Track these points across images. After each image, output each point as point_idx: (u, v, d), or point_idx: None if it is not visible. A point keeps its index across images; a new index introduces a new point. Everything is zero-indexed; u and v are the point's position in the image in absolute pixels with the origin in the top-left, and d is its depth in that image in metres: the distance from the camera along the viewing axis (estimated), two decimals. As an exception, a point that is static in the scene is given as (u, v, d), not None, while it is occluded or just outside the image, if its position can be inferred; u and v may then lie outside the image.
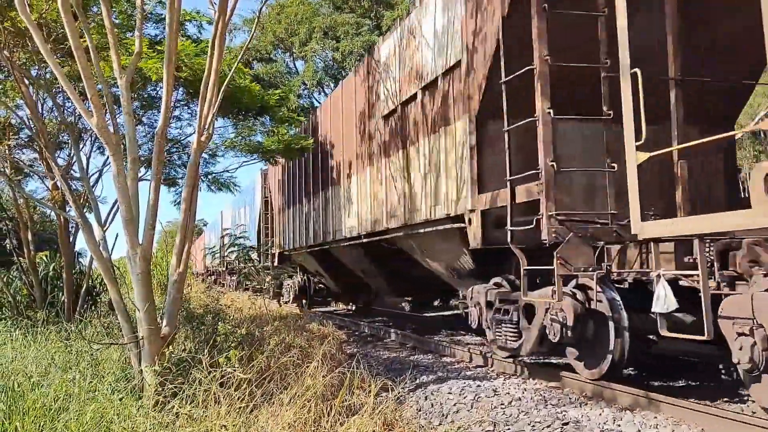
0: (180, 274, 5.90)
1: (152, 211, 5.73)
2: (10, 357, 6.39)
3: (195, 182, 6.19)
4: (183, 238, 5.97)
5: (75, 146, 8.40)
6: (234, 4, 5.86)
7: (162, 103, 5.77)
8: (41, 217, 21.93)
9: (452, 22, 8.10)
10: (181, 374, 5.30)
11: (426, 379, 7.14)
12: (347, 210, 12.32)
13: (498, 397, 6.18)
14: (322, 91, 35.35)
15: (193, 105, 10.20)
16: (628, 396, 5.75)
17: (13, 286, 11.32)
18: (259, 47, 35.12)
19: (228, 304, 12.64)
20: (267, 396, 5.07)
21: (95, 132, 5.65)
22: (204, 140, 5.91)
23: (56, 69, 5.54)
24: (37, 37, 5.44)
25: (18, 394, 4.91)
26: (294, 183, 17.16)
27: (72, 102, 8.49)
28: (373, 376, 6.03)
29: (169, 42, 5.57)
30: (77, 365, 5.99)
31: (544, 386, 6.65)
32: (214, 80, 5.80)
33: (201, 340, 6.79)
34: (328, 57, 33.98)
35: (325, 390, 5.44)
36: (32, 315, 9.36)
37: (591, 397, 6.07)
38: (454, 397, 6.22)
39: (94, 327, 8.04)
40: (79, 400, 4.78)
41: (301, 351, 6.92)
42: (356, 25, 32.84)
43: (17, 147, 10.63)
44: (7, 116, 9.82)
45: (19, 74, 8.17)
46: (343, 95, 12.51)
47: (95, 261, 6.31)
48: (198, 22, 10.14)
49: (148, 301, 5.56)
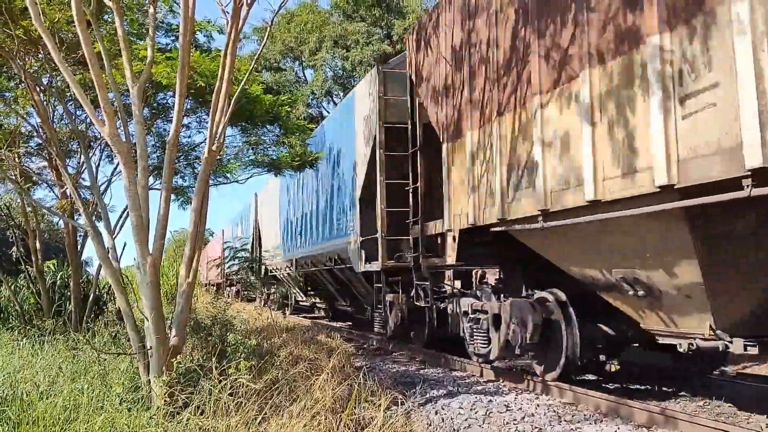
0: (189, 284, 5.86)
1: (162, 221, 5.70)
2: (18, 366, 6.36)
3: (205, 193, 6.15)
4: (192, 249, 5.93)
5: (85, 154, 8.38)
6: (247, 13, 5.84)
7: (174, 114, 5.75)
8: (48, 225, 21.98)
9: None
10: (190, 384, 5.25)
11: (436, 393, 7.05)
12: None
13: (510, 412, 6.08)
14: (331, 100, 35.37)
15: (201, 113, 10.18)
16: (644, 413, 5.64)
17: (20, 295, 11.30)
18: (269, 56, 35.15)
19: (234, 315, 12.59)
20: (276, 408, 5.01)
21: (107, 140, 5.63)
22: (215, 150, 5.88)
23: (69, 77, 5.53)
24: (50, 45, 5.44)
25: (26, 404, 4.87)
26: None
27: (82, 110, 8.53)
28: (383, 389, 5.95)
29: (183, 51, 5.55)
30: (85, 375, 5.95)
31: (558, 402, 6.55)
32: (226, 89, 5.78)
33: (209, 350, 6.74)
34: (337, 66, 33.97)
35: (334, 403, 5.38)
36: (39, 324, 9.32)
37: (606, 414, 5.96)
38: (465, 412, 6.13)
39: (102, 336, 8.00)
40: (87, 411, 4.74)
41: (310, 363, 6.86)
42: (367, 34, 32.77)
43: (26, 155, 10.63)
44: (17, 124, 9.83)
45: (32, 82, 8.18)
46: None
47: (104, 269, 6.27)
48: (207, 32, 10.19)
49: (156, 311, 5.51)
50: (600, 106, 5.40)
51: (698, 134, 4.41)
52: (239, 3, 5.65)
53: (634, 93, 5.02)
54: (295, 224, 18.34)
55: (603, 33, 5.33)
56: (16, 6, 7.24)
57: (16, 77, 8.99)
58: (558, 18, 5.98)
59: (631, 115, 5.05)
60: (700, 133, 4.40)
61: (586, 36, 5.54)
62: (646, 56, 4.85)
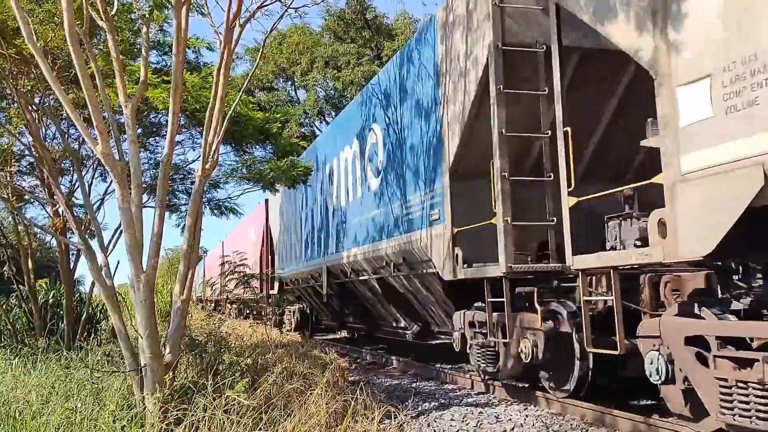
0: (183, 302, 5.90)
1: (156, 239, 5.74)
2: (11, 385, 6.36)
3: (198, 210, 6.21)
4: (187, 266, 5.98)
5: (78, 173, 8.42)
6: (239, 35, 5.93)
7: (167, 132, 5.81)
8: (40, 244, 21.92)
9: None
10: (184, 402, 5.27)
11: (428, 406, 7.09)
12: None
13: (500, 423, 6.14)
14: (323, 119, 35.63)
15: (194, 131, 10.24)
16: (628, 422, 5.74)
17: (12, 314, 11.28)
18: (261, 76, 35.48)
19: (229, 332, 12.58)
20: (271, 423, 5.04)
21: (100, 159, 5.67)
22: (209, 168, 5.95)
23: (62, 96, 5.58)
24: (43, 65, 5.48)
25: (20, 423, 4.88)
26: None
27: (75, 129, 8.59)
28: (376, 403, 6.00)
29: (176, 72, 5.63)
30: (78, 393, 5.95)
31: (546, 413, 6.61)
32: (219, 108, 5.85)
33: (203, 368, 6.76)
34: (329, 86, 34.34)
35: (329, 417, 5.41)
36: (32, 343, 9.31)
37: (592, 424, 6.04)
38: (456, 423, 6.18)
39: (95, 355, 8.00)
40: (81, 428, 4.75)
41: (305, 378, 6.89)
42: (357, 56, 33.28)
43: (18, 173, 10.66)
44: (10, 143, 9.87)
45: (24, 102, 8.23)
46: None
47: (98, 287, 6.30)
48: (197, 49, 10.25)
49: (151, 328, 5.54)
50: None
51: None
52: (232, 24, 5.74)
53: None
54: (322, 223, 14.12)
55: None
56: (9, 26, 7.31)
57: (9, 96, 9.04)
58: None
59: None
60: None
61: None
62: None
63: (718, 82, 4.25)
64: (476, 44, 7.30)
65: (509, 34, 6.91)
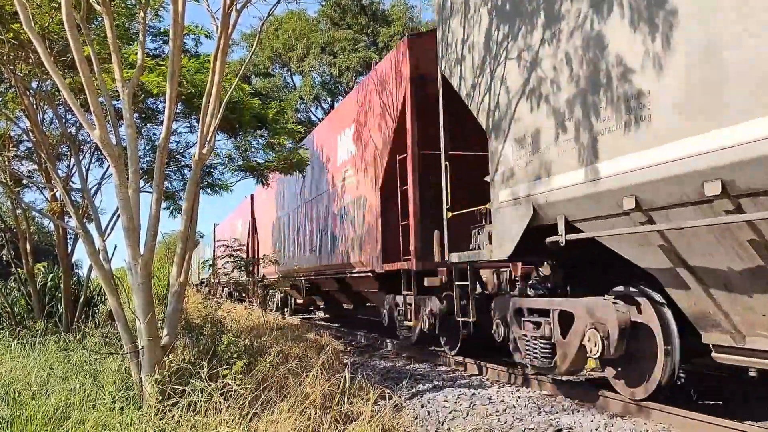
0: (181, 284, 5.98)
1: (153, 222, 5.81)
2: (10, 367, 6.44)
3: (195, 194, 6.27)
4: (184, 249, 6.06)
5: (76, 157, 8.47)
6: (236, 20, 5.97)
7: (164, 117, 5.86)
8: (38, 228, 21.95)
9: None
10: (181, 383, 5.36)
11: (422, 387, 7.22)
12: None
13: (493, 404, 6.26)
14: (319, 105, 35.60)
15: (192, 118, 10.27)
16: (619, 403, 5.89)
17: (10, 297, 11.36)
18: (258, 62, 35.40)
19: (224, 315, 12.69)
20: (267, 404, 5.13)
21: (97, 144, 5.72)
22: (206, 153, 6.00)
23: (60, 81, 5.62)
24: (41, 50, 5.51)
25: (19, 403, 4.96)
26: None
27: (72, 114, 8.61)
28: (371, 384, 6.10)
29: (173, 57, 5.67)
30: (77, 375, 6.03)
31: (538, 394, 6.74)
32: (216, 93, 5.90)
33: (200, 349, 6.86)
34: (325, 72, 34.32)
35: (324, 399, 5.51)
36: (30, 325, 9.40)
37: (583, 404, 6.17)
38: (450, 404, 6.29)
39: (93, 337, 8.09)
40: (79, 410, 4.83)
41: (300, 361, 6.99)
42: (353, 41, 33.23)
43: (16, 158, 10.70)
44: (7, 128, 9.90)
45: (22, 86, 8.26)
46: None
47: (95, 271, 6.37)
48: (196, 36, 10.27)
49: (148, 311, 5.62)
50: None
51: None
52: (228, 9, 5.77)
53: None
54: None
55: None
56: (6, 10, 7.32)
57: (6, 81, 9.06)
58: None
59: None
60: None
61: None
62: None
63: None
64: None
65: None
